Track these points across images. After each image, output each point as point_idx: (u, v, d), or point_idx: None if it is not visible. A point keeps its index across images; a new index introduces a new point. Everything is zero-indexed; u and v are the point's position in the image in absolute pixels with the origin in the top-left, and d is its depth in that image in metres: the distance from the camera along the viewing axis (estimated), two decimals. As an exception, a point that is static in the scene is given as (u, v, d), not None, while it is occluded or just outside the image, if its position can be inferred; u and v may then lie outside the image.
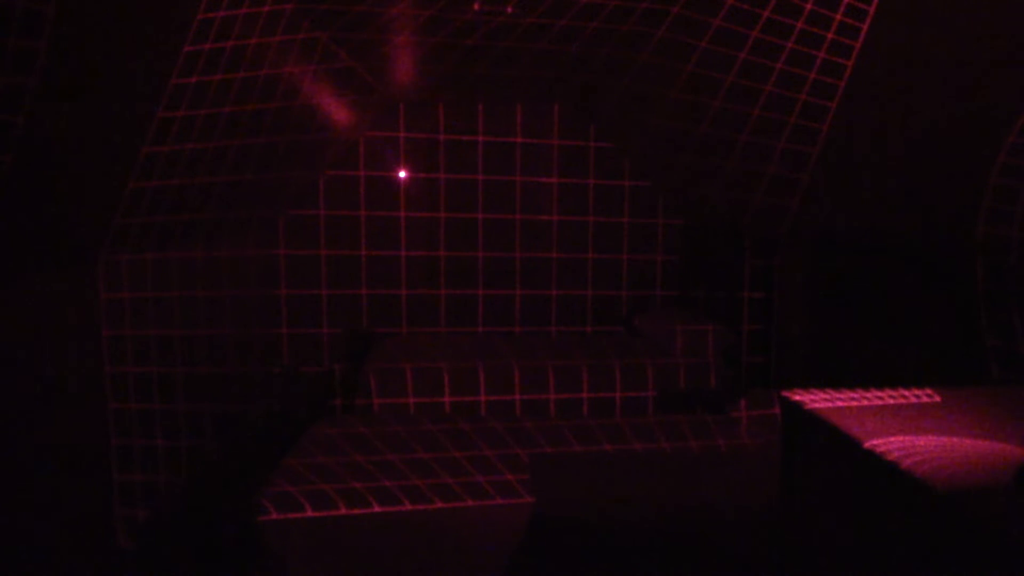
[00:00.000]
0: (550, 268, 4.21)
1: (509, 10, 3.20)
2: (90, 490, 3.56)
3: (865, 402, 2.21)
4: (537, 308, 4.23)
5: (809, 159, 3.59)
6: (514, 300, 4.20)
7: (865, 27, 3.13)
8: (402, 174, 4.02)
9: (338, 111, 3.72)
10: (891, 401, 2.23)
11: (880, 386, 2.33)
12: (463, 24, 3.26)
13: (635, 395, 3.59)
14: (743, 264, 4.24)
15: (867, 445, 1.85)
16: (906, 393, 2.29)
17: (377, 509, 2.58)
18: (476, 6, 3.16)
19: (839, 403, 2.19)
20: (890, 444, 1.84)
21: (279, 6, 2.99)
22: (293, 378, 3.93)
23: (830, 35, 3.20)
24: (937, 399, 2.26)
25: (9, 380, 3.03)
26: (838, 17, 3.14)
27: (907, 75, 3.19)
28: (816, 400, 2.22)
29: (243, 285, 3.83)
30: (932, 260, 3.38)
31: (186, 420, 3.77)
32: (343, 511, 2.56)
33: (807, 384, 2.34)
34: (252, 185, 3.60)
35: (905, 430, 1.95)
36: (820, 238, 3.94)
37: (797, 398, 2.24)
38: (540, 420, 3.33)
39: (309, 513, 2.54)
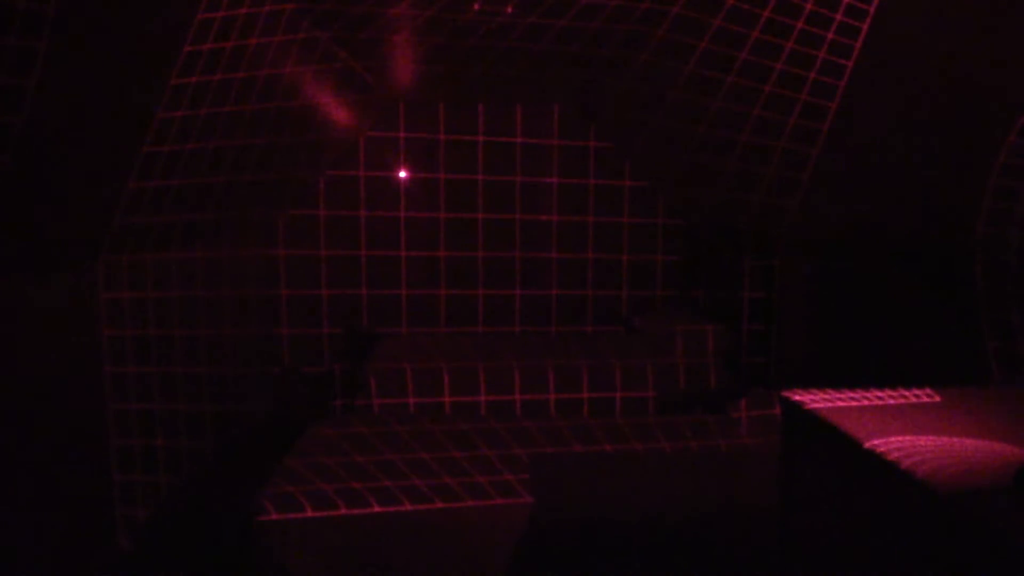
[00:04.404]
0: (550, 268, 4.20)
1: (509, 10, 3.20)
2: (90, 490, 3.56)
3: (865, 402, 2.22)
4: (537, 308, 4.22)
5: (809, 159, 3.59)
6: (514, 300, 4.20)
7: (865, 27, 3.13)
8: (402, 174, 4.02)
9: (338, 111, 3.72)
10: (891, 401, 2.24)
11: (880, 386, 2.33)
12: (463, 24, 3.26)
13: (635, 395, 3.59)
14: (743, 264, 4.24)
15: (867, 445, 1.85)
16: (906, 393, 2.29)
17: (377, 509, 2.59)
18: (476, 6, 3.16)
19: (839, 403, 2.19)
20: (890, 444, 1.84)
21: (279, 6, 2.99)
22: (293, 378, 3.93)
23: (830, 35, 3.20)
24: (937, 399, 2.26)
25: (9, 380, 3.03)
26: (838, 17, 3.14)
27: (907, 75, 3.19)
28: (816, 400, 2.22)
29: (243, 285, 3.83)
30: (932, 260, 3.38)
31: (186, 420, 3.76)
32: (343, 511, 2.56)
33: (807, 384, 2.34)
34: (252, 185, 3.60)
35: (905, 430, 1.95)
36: (820, 238, 3.93)
37: (797, 398, 2.24)
38: (540, 420, 3.33)
39: (309, 513, 2.54)
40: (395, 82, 3.83)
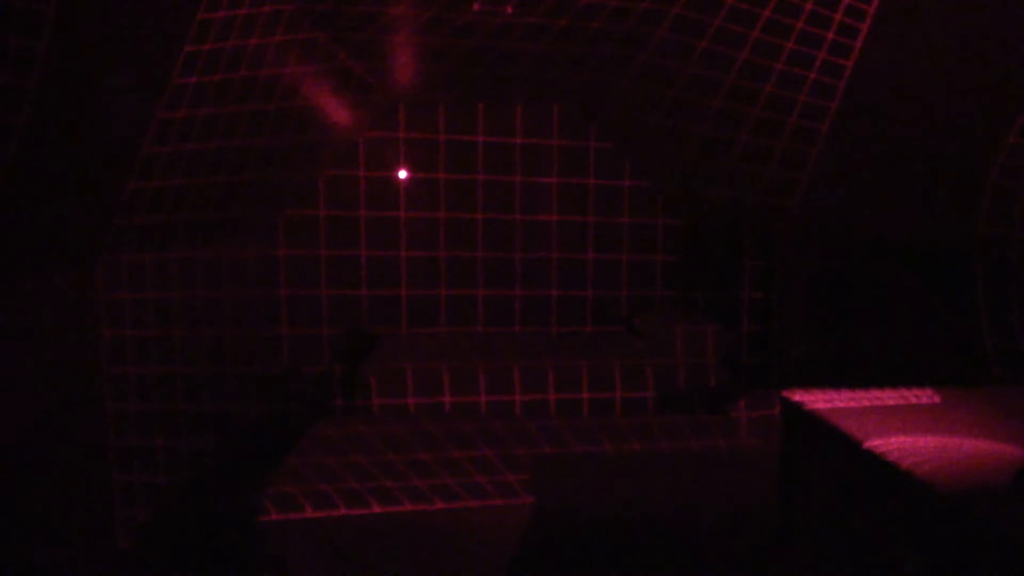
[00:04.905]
0: (550, 268, 4.20)
1: (509, 10, 3.20)
2: (90, 490, 3.56)
3: (865, 402, 2.21)
4: (537, 308, 4.22)
5: (809, 159, 3.59)
6: (514, 300, 4.20)
7: (865, 27, 3.13)
8: (402, 174, 4.02)
9: (338, 111, 3.72)
10: (891, 401, 2.23)
11: (880, 386, 2.33)
12: (463, 24, 3.26)
13: (635, 395, 3.59)
14: (743, 264, 4.24)
15: (867, 445, 1.85)
16: (906, 393, 2.29)
17: (377, 509, 2.59)
18: (476, 6, 3.16)
19: (839, 403, 2.19)
20: (890, 444, 1.84)
21: (279, 6, 2.99)
22: (293, 378, 3.93)
23: (830, 35, 3.20)
24: (937, 399, 2.25)
25: (9, 380, 3.03)
26: (838, 17, 3.14)
27: (907, 75, 3.19)
28: (816, 400, 2.22)
29: (243, 285, 3.83)
30: (932, 260, 3.38)
31: (186, 420, 3.77)
32: (343, 511, 2.56)
33: (807, 384, 2.34)
34: (252, 185, 3.60)
35: (905, 430, 1.95)
36: (820, 238, 3.93)
37: (797, 398, 2.24)
38: (540, 420, 3.33)
39: (309, 513, 2.54)
40: (395, 82, 3.83)
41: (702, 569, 2.77)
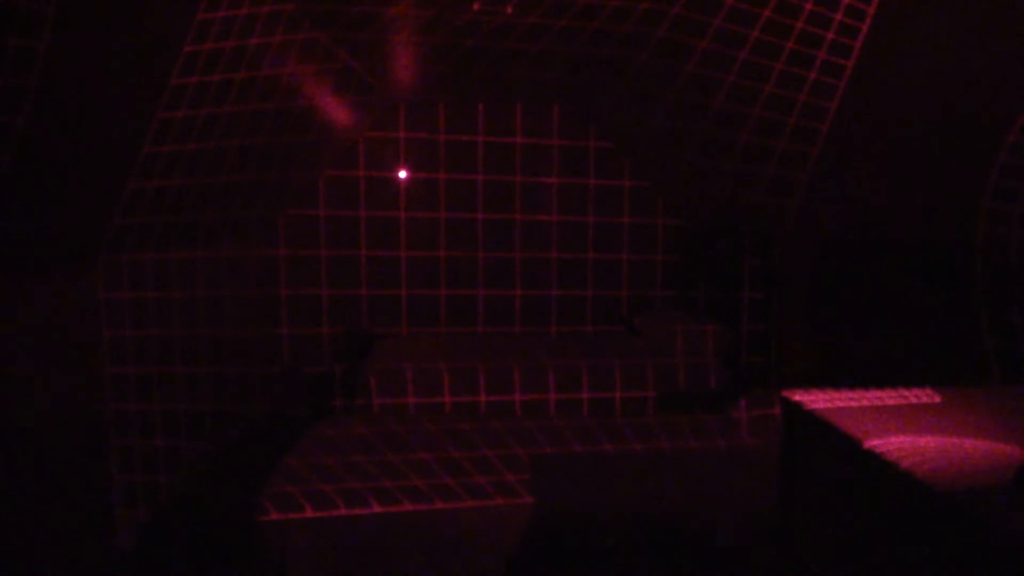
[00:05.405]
0: (550, 268, 4.20)
1: (509, 10, 3.20)
2: (90, 490, 3.56)
3: (865, 402, 2.21)
4: (537, 308, 4.22)
5: (809, 159, 3.59)
6: (514, 300, 4.20)
7: (865, 27, 3.14)
8: (402, 174, 4.02)
9: (338, 111, 3.72)
10: (891, 401, 2.23)
11: (880, 386, 2.33)
12: (463, 24, 3.26)
13: (635, 395, 3.59)
14: (743, 264, 4.24)
15: (867, 445, 1.85)
16: (906, 393, 2.29)
17: (377, 509, 2.59)
18: (476, 6, 3.16)
19: (839, 403, 2.19)
20: (890, 444, 1.84)
21: (279, 6, 2.99)
22: (293, 378, 3.93)
23: (830, 35, 3.20)
24: (937, 399, 2.26)
25: (9, 380, 3.03)
26: (838, 17, 3.14)
27: (906, 76, 3.19)
28: (816, 400, 2.21)
29: (243, 285, 3.83)
30: (932, 260, 3.38)
31: (186, 420, 3.77)
32: (343, 511, 2.56)
33: (807, 384, 2.34)
34: (252, 185, 3.60)
35: (905, 430, 1.95)
36: (820, 238, 3.93)
37: (797, 398, 2.24)
38: (540, 420, 3.33)
39: (309, 513, 2.54)
40: (395, 82, 3.83)
41: (702, 569, 2.77)
